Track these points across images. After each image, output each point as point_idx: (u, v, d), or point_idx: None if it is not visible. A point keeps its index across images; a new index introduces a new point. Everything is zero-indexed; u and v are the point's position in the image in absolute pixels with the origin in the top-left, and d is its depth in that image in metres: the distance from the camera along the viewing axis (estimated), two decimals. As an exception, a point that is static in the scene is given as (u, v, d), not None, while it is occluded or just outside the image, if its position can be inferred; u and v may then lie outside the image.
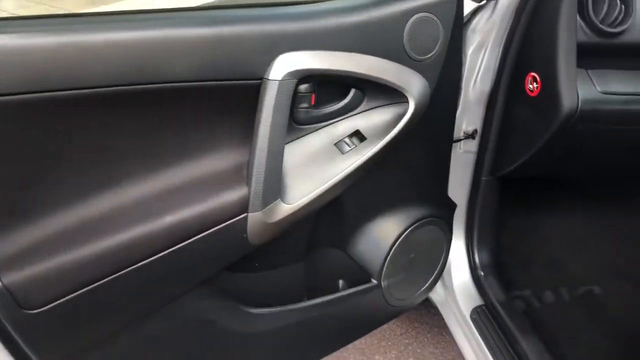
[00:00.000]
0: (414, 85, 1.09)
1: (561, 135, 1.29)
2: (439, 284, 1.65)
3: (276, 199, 1.00)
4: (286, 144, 1.03)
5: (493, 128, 1.45)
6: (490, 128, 1.46)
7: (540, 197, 1.85)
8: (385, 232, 1.28)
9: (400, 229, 1.28)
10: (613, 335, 1.53)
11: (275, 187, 0.99)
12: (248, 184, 0.98)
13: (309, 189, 1.03)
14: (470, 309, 1.55)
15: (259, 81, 0.95)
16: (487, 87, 1.42)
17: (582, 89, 1.24)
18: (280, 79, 0.95)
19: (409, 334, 2.08)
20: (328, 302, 1.27)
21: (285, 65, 0.95)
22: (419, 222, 1.31)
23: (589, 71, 1.27)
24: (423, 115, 1.13)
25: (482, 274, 1.57)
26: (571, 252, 1.76)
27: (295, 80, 0.97)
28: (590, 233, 1.81)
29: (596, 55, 1.27)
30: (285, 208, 1.01)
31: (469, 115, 1.47)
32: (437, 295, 1.68)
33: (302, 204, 1.02)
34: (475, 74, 1.42)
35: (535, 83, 1.29)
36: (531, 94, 1.31)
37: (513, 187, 1.59)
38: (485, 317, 1.51)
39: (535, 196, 1.84)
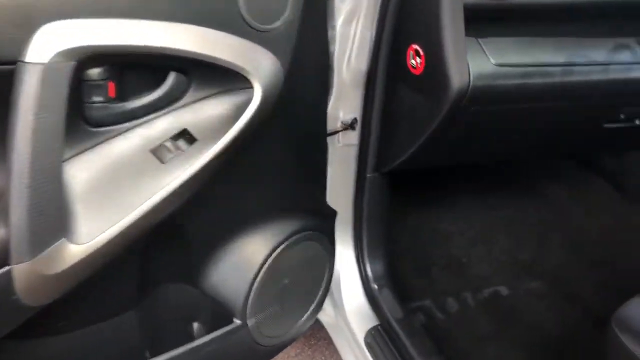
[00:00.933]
0: (258, 64, 0.81)
1: (452, 119, 1.06)
2: (327, 303, 1.40)
3: (57, 240, 0.68)
4: (74, 156, 0.72)
5: (374, 115, 1.21)
6: (371, 115, 1.21)
7: (434, 191, 1.64)
8: (246, 257, 1.00)
9: (266, 252, 1.00)
10: (523, 341, 1.34)
11: (52, 223, 0.67)
12: (5, 221, 0.65)
13: (112, 219, 0.72)
14: (365, 332, 1.31)
15: (11, 67, 0.63)
16: (363, 65, 1.17)
17: (473, 62, 1.01)
18: (46, 61, 0.63)
19: (304, 354, 1.82)
20: (179, 355, 0.97)
21: (53, 40, 0.64)
22: (290, 240, 1.03)
23: (480, 40, 1.04)
24: (278, 104, 0.86)
25: (376, 287, 1.33)
26: (472, 250, 1.57)
27: (72, 63, 0.65)
28: (491, 227, 1.63)
29: (487, 20, 1.05)
30: (74, 251, 0.69)
31: (346, 101, 1.22)
32: (327, 316, 1.42)
33: (102, 242, 0.71)
34: (348, 50, 1.16)
35: (418, 58, 1.05)
36: (414, 71, 1.07)
37: (403, 182, 1.37)
38: (382, 340, 1.27)
39: (428, 190, 1.64)
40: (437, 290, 1.46)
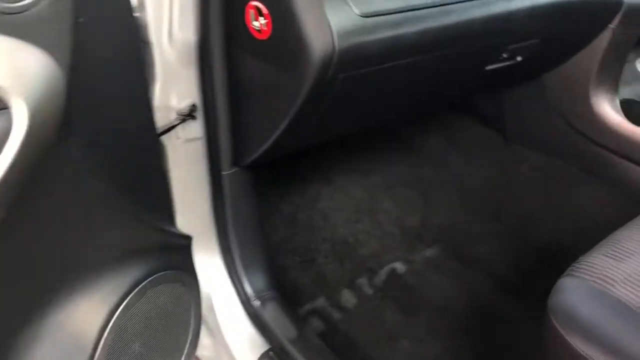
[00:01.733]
0: (14, 69, 0.50)
1: (318, 93, 0.82)
2: (205, 335, 1.14)
3: None
4: None
5: (218, 98, 0.94)
6: (213, 99, 0.94)
7: (304, 168, 1.42)
8: (73, 336, 0.70)
9: (100, 321, 0.72)
10: (435, 328, 1.18)
11: None
12: None
13: None
14: (255, 362, 1.07)
15: None
16: (191, 34, 0.89)
17: (334, 16, 0.77)
18: None
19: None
20: None
21: None
22: (131, 295, 0.75)
23: (338, -15, 0.80)
24: (63, 119, 0.56)
25: (259, 303, 1.09)
26: (357, 226, 1.38)
27: None
28: (372, 195, 1.44)
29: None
30: None
31: (177, 85, 0.93)
32: (205, 349, 1.16)
33: None
34: (167, 17, 0.87)
35: (261, 17, 0.79)
36: (259, 36, 0.80)
37: (270, 172, 1.12)
38: (278, 368, 1.05)
39: (298, 170, 1.41)
40: (328, 285, 1.25)
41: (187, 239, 0.88)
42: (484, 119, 1.47)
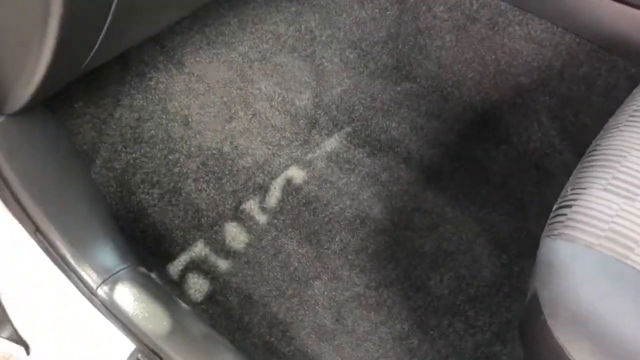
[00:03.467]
0: None
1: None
2: (46, 346, 0.81)
3: None
4: None
5: None
6: None
7: (148, 59, 0.98)
8: None
9: None
10: (348, 247, 0.91)
11: None
12: None
13: None
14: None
15: None
16: None
17: None
18: None
19: None
20: None
21: None
22: None
23: None
24: None
25: (108, 289, 0.76)
26: (232, 131, 1.01)
27: None
28: (245, 81, 1.05)
29: None
30: None
31: None
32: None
33: None
34: None
35: None
36: None
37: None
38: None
39: (139, 62, 0.97)
40: (206, 221, 0.92)
41: None
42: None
